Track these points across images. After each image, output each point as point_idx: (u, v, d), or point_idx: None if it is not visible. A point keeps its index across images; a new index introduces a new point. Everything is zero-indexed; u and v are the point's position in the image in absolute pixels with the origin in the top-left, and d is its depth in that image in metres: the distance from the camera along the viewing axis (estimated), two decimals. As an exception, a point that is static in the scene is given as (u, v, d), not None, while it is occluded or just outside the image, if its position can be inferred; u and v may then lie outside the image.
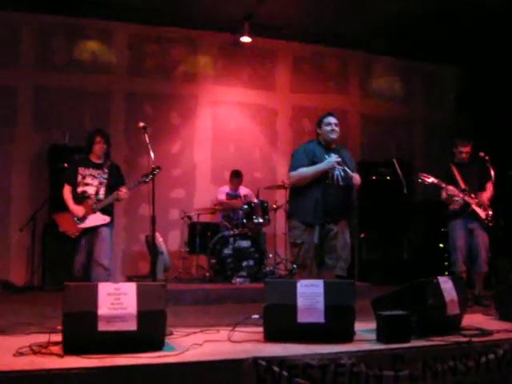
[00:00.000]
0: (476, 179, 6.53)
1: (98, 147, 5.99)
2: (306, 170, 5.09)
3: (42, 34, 8.76)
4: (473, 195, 6.45)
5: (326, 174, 5.07)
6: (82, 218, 5.81)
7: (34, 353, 3.30)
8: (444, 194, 6.45)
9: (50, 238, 7.78)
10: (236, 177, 8.71)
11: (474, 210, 6.43)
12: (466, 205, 6.43)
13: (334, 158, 5.08)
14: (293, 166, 5.21)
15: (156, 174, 5.21)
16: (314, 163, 5.12)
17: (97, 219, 5.86)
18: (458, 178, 6.57)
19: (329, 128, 5.20)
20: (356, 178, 5.17)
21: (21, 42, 8.63)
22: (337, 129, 5.23)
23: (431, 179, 6.28)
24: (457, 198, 6.41)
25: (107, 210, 5.96)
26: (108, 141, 6.08)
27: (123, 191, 5.84)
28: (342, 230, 5.16)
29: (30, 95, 8.63)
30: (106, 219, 5.89)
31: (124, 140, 8.87)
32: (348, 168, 5.16)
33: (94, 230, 5.87)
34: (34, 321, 4.89)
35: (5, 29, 8.56)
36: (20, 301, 6.85)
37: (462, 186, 6.50)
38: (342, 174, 5.14)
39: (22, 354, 3.27)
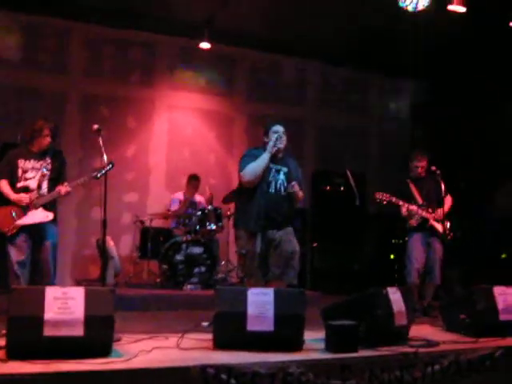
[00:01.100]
0: (433, 193, 6.63)
1: (45, 141, 5.49)
2: (254, 164, 5.14)
3: (-2, 31, 8.59)
4: (430, 210, 6.55)
5: (268, 183, 5.15)
6: (22, 212, 5.30)
7: (-24, 357, 3.22)
8: (404, 211, 6.55)
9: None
10: (193, 180, 8.66)
11: (432, 225, 6.55)
12: (424, 220, 6.55)
13: (271, 142, 5.17)
14: (242, 166, 5.25)
15: (108, 171, 4.95)
16: None
17: (38, 216, 5.34)
18: (415, 193, 6.67)
19: (275, 136, 5.23)
20: (297, 188, 5.20)
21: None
22: (284, 137, 5.28)
23: (388, 198, 6.36)
24: (415, 215, 6.52)
25: (49, 207, 5.44)
26: (56, 135, 5.59)
27: (66, 189, 5.35)
28: (287, 237, 5.20)
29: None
30: (49, 216, 5.38)
31: (78, 142, 8.74)
32: (292, 177, 5.25)
33: (37, 230, 5.37)
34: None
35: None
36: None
37: (420, 201, 6.61)
38: (285, 183, 5.23)
39: (-37, 358, 3.19)
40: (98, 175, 5.10)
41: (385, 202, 6.37)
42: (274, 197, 5.17)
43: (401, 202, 6.47)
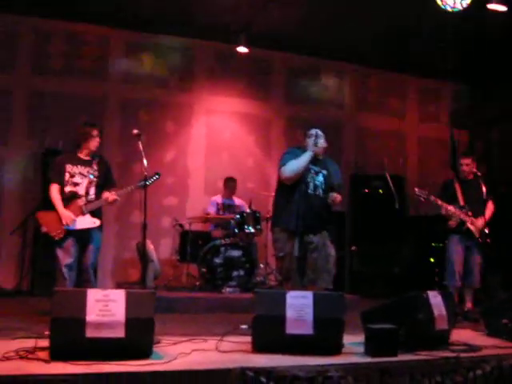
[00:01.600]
0: (475, 196, 6.54)
1: (95, 142, 5.66)
2: (295, 161, 5.17)
3: (38, 39, 8.76)
4: (470, 213, 6.46)
5: (307, 184, 5.17)
6: (71, 223, 5.45)
7: (21, 358, 3.28)
8: (443, 210, 6.48)
9: (40, 242, 7.74)
10: (230, 182, 8.73)
11: (468, 228, 6.46)
12: (462, 223, 6.46)
13: (312, 142, 5.19)
14: (283, 162, 5.26)
15: (155, 181, 5.10)
16: None
17: (86, 222, 5.52)
18: (459, 194, 6.59)
19: (312, 139, 5.26)
20: (337, 197, 5.20)
21: (18, 46, 8.63)
22: (324, 139, 5.31)
23: (427, 195, 6.30)
24: (454, 216, 6.44)
25: (96, 213, 5.61)
26: (101, 136, 5.76)
27: (114, 197, 5.53)
28: (323, 242, 5.20)
29: (25, 99, 8.62)
30: (96, 222, 5.56)
31: (118, 146, 8.86)
32: (332, 180, 5.29)
33: (84, 235, 5.54)
34: (22, 325, 4.84)
35: (2, 32, 8.55)
36: (8, 305, 6.81)
37: (461, 202, 6.52)
38: (324, 185, 5.26)
39: (8, 358, 3.25)
40: (145, 184, 5.17)
41: (423, 199, 6.30)
42: (313, 198, 5.18)
43: (439, 202, 6.39)
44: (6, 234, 8.13)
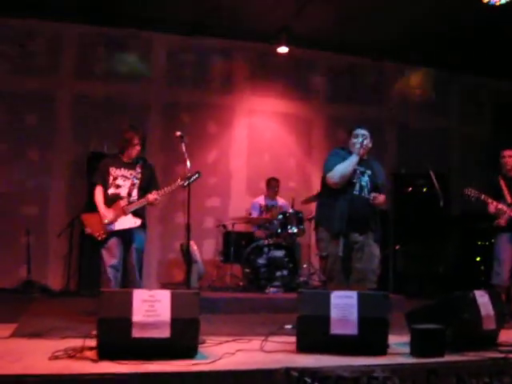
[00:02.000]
0: None
1: (135, 150, 5.76)
2: (343, 165, 5.08)
3: (83, 44, 8.92)
4: None
5: (352, 185, 5.10)
6: (110, 223, 5.59)
7: (69, 357, 3.36)
8: (492, 208, 6.35)
9: (86, 244, 7.87)
10: (272, 181, 8.75)
11: None
12: None
13: (358, 144, 5.12)
14: (329, 167, 5.17)
15: (195, 180, 5.12)
16: None
17: (127, 222, 5.62)
18: (505, 191, 6.44)
19: (356, 140, 5.20)
20: (379, 197, 5.15)
21: (62, 52, 8.80)
22: (369, 139, 5.23)
23: (477, 195, 6.19)
24: (504, 214, 6.31)
25: (138, 213, 5.70)
26: (144, 143, 5.84)
27: (154, 196, 5.57)
28: (367, 241, 5.13)
29: (70, 104, 8.80)
30: (137, 222, 5.65)
31: (160, 149, 8.95)
32: (376, 180, 5.22)
33: (127, 235, 5.65)
34: (70, 325, 4.94)
35: (47, 38, 8.75)
36: (56, 305, 6.95)
37: (509, 199, 6.38)
38: (369, 185, 5.18)
39: (57, 357, 3.33)
40: (185, 183, 5.27)
41: (473, 199, 6.19)
42: (358, 199, 5.10)
43: (489, 200, 6.26)
44: (54, 236, 8.31)
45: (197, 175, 5.13)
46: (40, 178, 8.58)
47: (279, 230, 7.96)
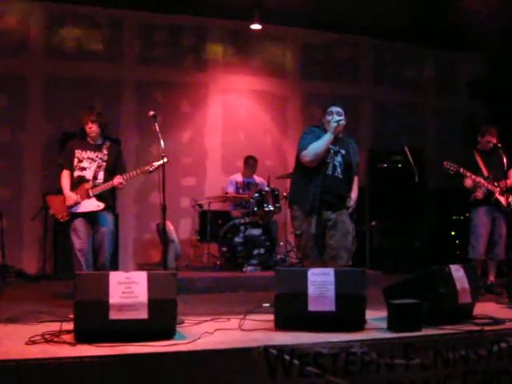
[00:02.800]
0: (498, 167, 6.47)
1: (88, 129, 5.76)
2: (317, 144, 5.03)
3: (51, 23, 8.75)
4: (496, 183, 6.41)
5: (326, 165, 5.07)
6: (72, 205, 5.64)
7: (47, 341, 3.33)
8: (469, 182, 6.42)
9: (61, 226, 7.76)
10: (250, 160, 8.73)
11: (497, 199, 6.39)
12: (490, 193, 6.40)
13: (332, 123, 5.06)
14: (303, 145, 5.13)
15: (161, 166, 5.04)
16: None
17: (90, 205, 5.67)
18: (481, 165, 6.53)
19: (330, 117, 5.15)
20: (352, 202, 5.26)
21: (30, 31, 8.62)
22: (344, 118, 5.15)
23: (456, 168, 6.24)
24: (481, 188, 6.38)
25: (104, 196, 5.73)
26: (99, 122, 5.79)
27: (119, 180, 5.64)
28: (341, 218, 5.12)
29: (41, 84, 8.64)
30: (100, 205, 5.68)
31: (135, 129, 8.90)
32: (350, 160, 5.20)
33: (93, 218, 5.71)
34: (46, 309, 4.91)
35: (14, 17, 8.56)
36: (32, 289, 6.91)
37: (486, 173, 6.46)
38: (342, 165, 5.16)
39: (34, 342, 3.30)
40: (151, 169, 5.46)
41: (452, 172, 6.25)
42: (331, 178, 5.09)
43: (468, 173, 6.33)
44: (28, 219, 8.21)
45: (162, 161, 5.04)
46: (12, 159, 8.45)
47: (255, 209, 7.95)
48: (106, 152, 5.79)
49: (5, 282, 7.46)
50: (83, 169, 5.71)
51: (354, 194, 5.32)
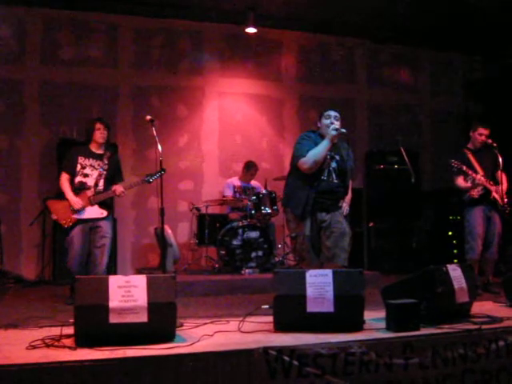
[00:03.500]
0: (490, 166, 6.48)
1: (99, 134, 5.98)
2: (316, 151, 5.01)
3: (48, 29, 8.76)
4: (491, 182, 6.41)
5: (321, 171, 5.08)
6: (79, 210, 5.79)
7: (47, 346, 3.33)
8: (469, 182, 6.39)
9: (59, 232, 7.79)
10: (251, 167, 8.70)
11: (494, 198, 6.40)
12: (487, 192, 6.40)
13: (331, 131, 5.01)
14: (301, 152, 5.09)
15: (160, 176, 5.08)
16: None
17: (94, 212, 5.85)
18: (475, 164, 6.51)
19: (328, 121, 5.15)
20: (346, 207, 5.27)
21: (26, 37, 8.64)
22: (337, 123, 5.14)
23: (460, 166, 6.25)
24: (479, 186, 6.37)
25: (105, 204, 5.97)
26: (108, 127, 6.07)
27: (121, 189, 5.86)
28: (336, 219, 5.12)
29: (37, 90, 8.65)
30: (104, 213, 5.90)
31: (131, 133, 8.92)
32: (345, 165, 5.18)
33: (93, 224, 5.89)
34: (46, 314, 4.92)
35: (10, 24, 8.58)
36: (32, 294, 6.90)
37: (481, 172, 6.45)
38: (337, 170, 5.16)
39: (34, 347, 3.30)
40: (151, 180, 5.67)
41: (455, 169, 6.27)
42: (326, 184, 5.11)
43: (470, 172, 6.32)
44: (26, 225, 8.20)
45: (161, 172, 5.09)
46: (9, 165, 8.46)
47: (253, 211, 7.97)
48: (106, 162, 6.00)
49: (3, 288, 7.45)
50: (86, 175, 5.90)
51: (347, 197, 5.33)
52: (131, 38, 9.17)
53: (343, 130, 5.04)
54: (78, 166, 5.92)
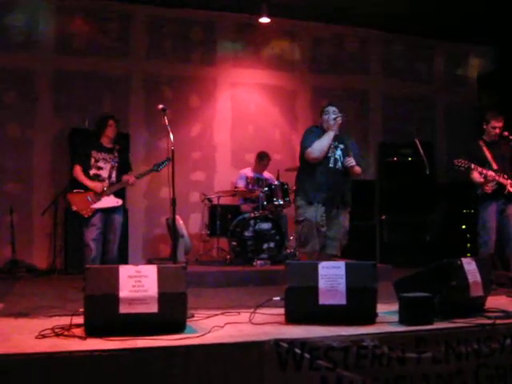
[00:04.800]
0: (507, 158, 6.37)
1: (111, 130, 6.41)
2: (320, 141, 5.48)
3: (60, 17, 8.74)
4: (505, 176, 6.28)
5: (328, 158, 5.50)
6: (97, 198, 6.20)
7: (57, 335, 3.32)
8: (477, 176, 6.26)
9: (71, 221, 7.82)
10: (264, 158, 8.67)
11: (509, 192, 6.28)
12: (501, 187, 6.29)
13: (330, 121, 5.51)
14: (307, 143, 5.54)
15: (166, 165, 5.52)
16: None
17: (110, 201, 6.30)
18: (490, 157, 6.38)
19: (327, 116, 5.59)
20: (355, 168, 5.56)
21: (38, 26, 8.62)
22: (338, 119, 5.55)
23: (467, 164, 6.14)
24: (491, 181, 6.25)
25: (119, 194, 6.44)
26: (118, 122, 6.56)
27: (133, 179, 6.39)
28: (338, 211, 5.56)
29: (50, 79, 8.65)
30: (119, 202, 6.37)
31: (144, 123, 8.89)
32: (349, 153, 5.53)
33: (108, 214, 6.31)
34: (57, 303, 4.91)
35: (23, 13, 8.56)
36: (43, 284, 6.92)
37: (494, 166, 6.33)
38: (342, 158, 5.56)
39: (44, 336, 3.29)
40: (158, 169, 6.20)
41: (463, 169, 6.16)
42: (333, 171, 5.52)
43: (479, 169, 6.20)
44: (38, 214, 8.21)
45: (167, 162, 5.67)
46: (22, 155, 8.46)
47: (265, 203, 7.92)
48: (116, 155, 6.45)
49: (15, 277, 7.48)
50: (99, 168, 6.33)
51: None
52: (144, 27, 9.13)
53: (340, 115, 5.52)
54: (92, 160, 6.33)
